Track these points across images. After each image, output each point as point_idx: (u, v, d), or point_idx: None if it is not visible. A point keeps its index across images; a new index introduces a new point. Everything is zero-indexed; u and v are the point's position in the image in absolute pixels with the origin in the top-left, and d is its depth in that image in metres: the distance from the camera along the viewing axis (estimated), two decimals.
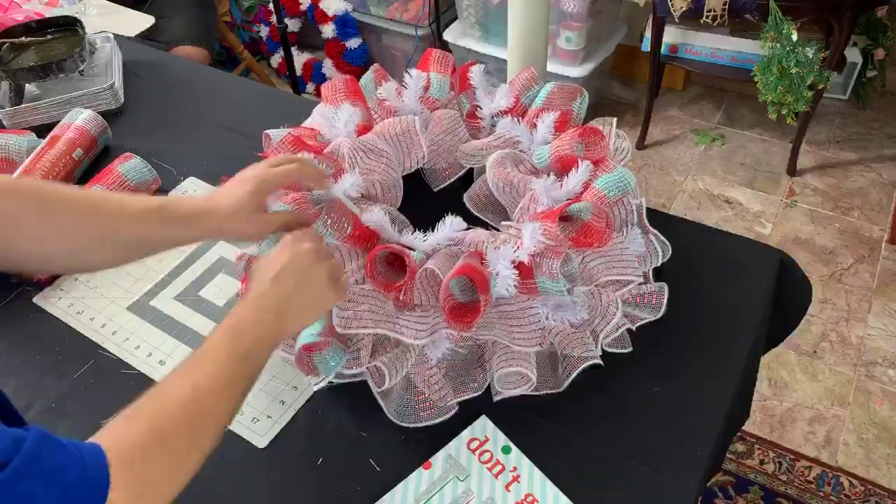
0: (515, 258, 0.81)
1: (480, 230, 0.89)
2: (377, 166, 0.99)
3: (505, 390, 0.84)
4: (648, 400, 0.86)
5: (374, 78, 1.11)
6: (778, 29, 1.87)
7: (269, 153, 0.94)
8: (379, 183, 0.99)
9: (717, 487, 1.58)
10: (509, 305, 0.84)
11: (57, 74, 1.35)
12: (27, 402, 0.90)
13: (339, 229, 0.86)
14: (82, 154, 1.20)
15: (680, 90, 2.70)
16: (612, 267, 0.88)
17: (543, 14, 1.77)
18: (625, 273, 0.87)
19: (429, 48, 1.12)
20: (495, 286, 0.81)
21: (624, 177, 0.88)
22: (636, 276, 0.88)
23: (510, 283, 0.80)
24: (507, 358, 0.83)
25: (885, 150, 2.39)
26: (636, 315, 0.91)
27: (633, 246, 0.91)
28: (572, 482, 0.79)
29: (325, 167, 0.93)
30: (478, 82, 1.07)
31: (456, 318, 0.81)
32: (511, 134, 1.00)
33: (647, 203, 0.99)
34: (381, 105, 1.07)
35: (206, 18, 2.23)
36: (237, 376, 0.64)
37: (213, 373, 0.63)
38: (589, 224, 0.85)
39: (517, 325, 0.83)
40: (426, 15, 2.54)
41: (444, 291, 0.80)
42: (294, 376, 0.91)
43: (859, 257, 2.06)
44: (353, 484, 0.80)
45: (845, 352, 1.83)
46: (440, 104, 1.08)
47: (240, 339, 0.66)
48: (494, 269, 0.81)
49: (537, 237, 0.81)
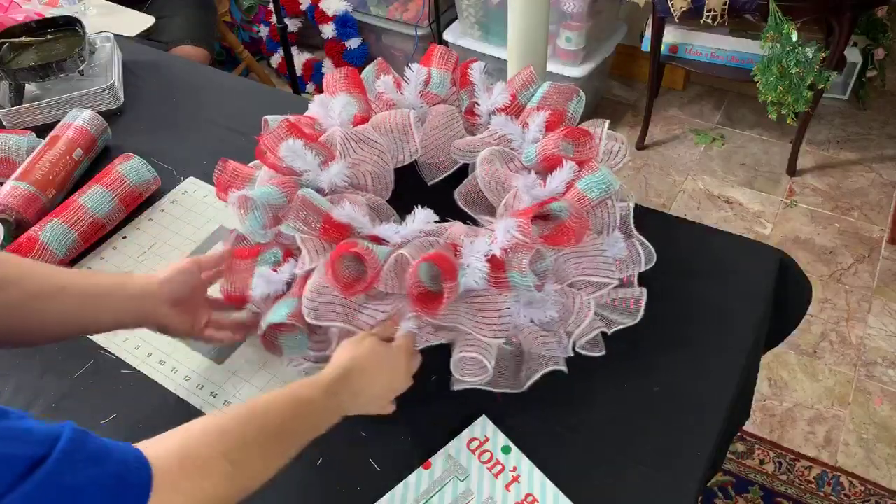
0: (488, 252, 0.81)
1: (459, 224, 0.90)
2: (369, 157, 0.99)
3: (462, 378, 0.84)
4: (648, 400, 0.86)
5: (375, 71, 1.11)
6: (778, 29, 1.87)
7: (266, 139, 0.94)
8: (370, 174, 0.99)
9: (717, 487, 1.58)
10: (480, 297, 0.84)
11: (57, 74, 1.35)
12: (27, 402, 0.90)
13: (308, 224, 0.86)
14: (82, 154, 1.20)
15: (680, 90, 2.70)
16: (588, 268, 0.88)
17: (543, 14, 1.78)
18: (600, 275, 0.87)
19: (432, 44, 1.13)
20: (464, 276, 0.81)
21: (606, 178, 0.88)
22: (612, 279, 0.87)
23: (480, 275, 0.80)
24: (467, 344, 0.83)
25: (885, 150, 2.39)
26: (613, 319, 0.91)
27: (613, 249, 0.91)
28: (572, 482, 0.79)
29: (315, 156, 0.94)
30: (477, 79, 1.07)
31: (422, 305, 0.81)
32: (504, 131, 1.00)
33: (647, 203, 0.99)
34: (379, 98, 1.08)
35: (206, 18, 2.23)
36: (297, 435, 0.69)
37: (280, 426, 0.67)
38: (565, 223, 0.85)
39: (484, 315, 0.83)
40: (426, 15, 2.54)
41: (411, 276, 0.80)
42: (293, 376, 0.91)
43: (859, 257, 2.06)
44: (353, 484, 0.80)
45: (845, 352, 1.83)
46: (440, 99, 1.08)
47: (301, 412, 0.70)
48: (467, 261, 0.81)
49: (511, 232, 0.81)
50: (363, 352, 0.76)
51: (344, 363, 0.75)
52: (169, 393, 0.91)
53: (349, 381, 0.74)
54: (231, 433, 0.61)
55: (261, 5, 2.84)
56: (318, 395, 0.70)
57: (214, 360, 0.94)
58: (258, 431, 0.64)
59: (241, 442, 0.62)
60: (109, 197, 1.10)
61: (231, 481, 0.59)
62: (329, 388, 0.72)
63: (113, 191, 1.11)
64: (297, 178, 0.92)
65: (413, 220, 0.86)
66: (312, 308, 0.81)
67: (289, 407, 0.68)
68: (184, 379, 0.92)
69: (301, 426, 0.68)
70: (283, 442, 0.66)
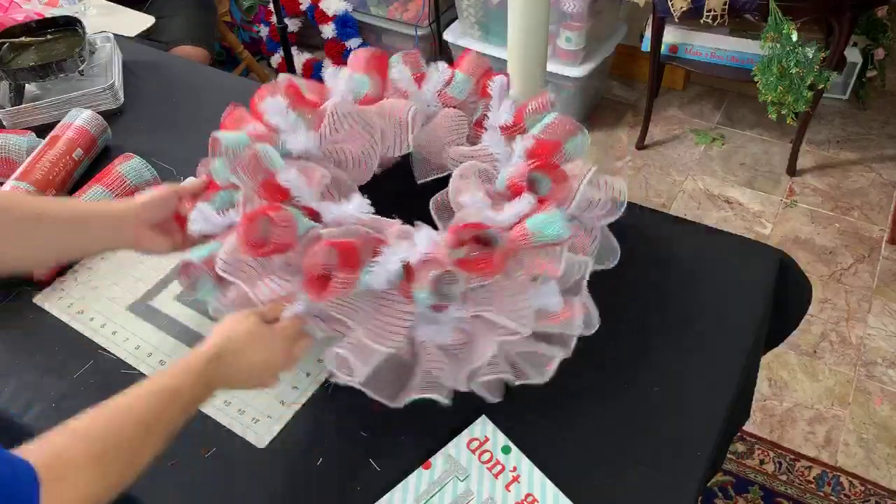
0: (405, 257, 0.78)
1: (399, 224, 0.86)
2: (357, 137, 0.98)
3: (336, 371, 0.81)
4: (648, 400, 0.86)
5: (402, 58, 1.10)
6: (778, 29, 1.87)
7: (264, 89, 0.96)
8: (352, 155, 0.98)
9: (717, 487, 1.58)
10: (386, 301, 0.81)
11: (57, 74, 1.35)
12: (27, 402, 0.90)
13: (252, 178, 0.86)
14: (82, 154, 1.20)
15: (680, 90, 2.70)
16: (504, 309, 0.81)
17: (543, 14, 1.78)
18: (513, 319, 0.80)
19: (466, 48, 1.11)
20: (367, 274, 0.78)
21: (555, 223, 0.80)
22: (523, 329, 0.80)
23: (384, 277, 0.77)
24: (349, 342, 0.80)
25: (885, 150, 2.39)
26: (524, 371, 0.85)
27: (541, 300, 0.82)
28: (572, 482, 0.79)
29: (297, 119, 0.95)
30: (495, 93, 1.05)
31: (313, 288, 0.78)
32: (492, 150, 0.99)
33: (647, 203, 0.98)
34: (395, 86, 1.08)
35: (206, 18, 2.23)
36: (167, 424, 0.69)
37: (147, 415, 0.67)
38: (488, 254, 0.80)
39: (381, 319, 0.80)
40: (426, 15, 2.54)
41: (313, 256, 0.78)
42: (294, 376, 0.91)
43: (859, 257, 2.06)
44: (353, 484, 0.80)
45: (845, 352, 1.83)
46: (455, 103, 1.08)
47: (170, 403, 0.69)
48: (384, 260, 0.78)
49: (428, 244, 0.79)
50: (241, 332, 0.76)
51: (218, 343, 0.74)
52: None
53: (221, 363, 0.73)
54: (97, 435, 0.62)
55: (261, 5, 2.84)
56: (187, 383, 0.70)
57: None
58: (127, 429, 0.64)
59: (111, 443, 0.62)
60: (109, 197, 1.10)
61: (102, 481, 0.60)
62: (200, 374, 0.71)
63: (113, 191, 1.11)
64: (275, 136, 0.93)
65: (347, 204, 0.84)
66: (225, 260, 0.81)
67: (156, 399, 0.68)
68: None
69: (171, 416, 0.68)
70: (153, 434, 0.66)
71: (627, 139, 2.52)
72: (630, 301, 0.97)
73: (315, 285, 0.77)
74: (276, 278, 0.82)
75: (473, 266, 0.78)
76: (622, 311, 0.95)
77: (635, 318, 0.95)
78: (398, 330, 0.79)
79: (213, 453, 0.84)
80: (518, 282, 0.82)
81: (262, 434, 0.86)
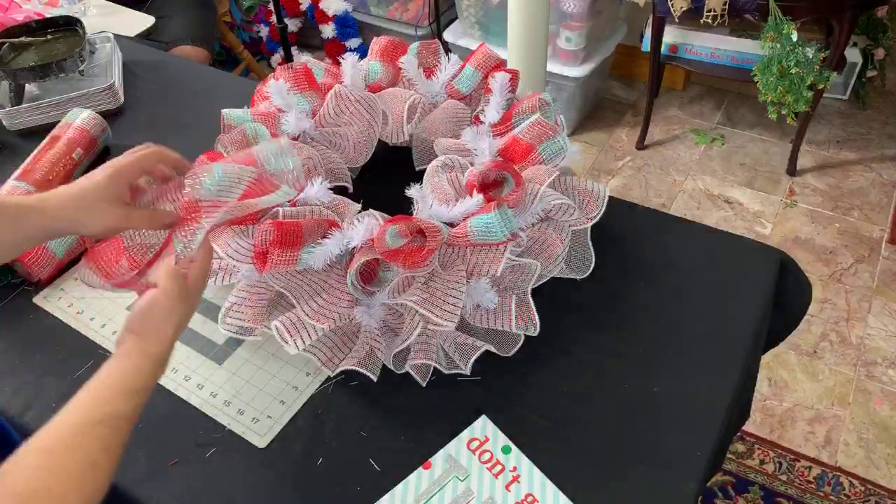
0: (348, 241, 0.83)
1: (356, 207, 0.91)
2: (357, 121, 1.02)
3: (279, 338, 0.83)
4: (648, 400, 0.86)
5: (419, 49, 1.12)
6: (778, 29, 1.87)
7: (279, 70, 1.01)
8: (352, 139, 1.01)
9: (717, 487, 1.58)
10: (323, 276, 0.85)
11: (57, 74, 1.35)
12: (27, 402, 0.90)
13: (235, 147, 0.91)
14: (82, 154, 1.20)
15: (680, 90, 2.70)
16: (432, 301, 0.83)
17: (543, 14, 1.78)
18: (436, 313, 0.82)
19: (481, 43, 1.13)
20: (309, 253, 0.82)
21: (491, 224, 0.82)
22: (445, 321, 0.81)
23: (323, 258, 0.82)
24: (290, 320, 0.83)
25: (885, 150, 2.39)
26: (454, 359, 0.87)
27: (473, 296, 0.85)
28: (572, 482, 0.79)
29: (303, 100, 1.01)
30: (496, 90, 1.06)
31: (258, 260, 0.82)
32: (471, 145, 1.00)
33: (647, 203, 0.99)
34: (404, 76, 1.10)
35: (206, 18, 2.23)
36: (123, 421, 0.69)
37: None
38: (418, 247, 0.82)
39: (323, 298, 0.84)
40: (426, 15, 2.54)
41: (261, 231, 0.81)
42: (294, 376, 0.91)
43: (859, 257, 2.06)
44: (353, 484, 0.80)
45: (845, 352, 1.83)
46: (460, 95, 1.09)
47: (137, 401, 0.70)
48: (326, 241, 0.83)
49: (366, 232, 0.83)
50: (184, 314, 0.72)
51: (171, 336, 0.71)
52: (169, 393, 0.91)
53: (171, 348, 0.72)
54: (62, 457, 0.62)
55: (261, 5, 2.84)
56: (150, 381, 0.70)
57: (214, 360, 0.94)
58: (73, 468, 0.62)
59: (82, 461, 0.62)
60: None
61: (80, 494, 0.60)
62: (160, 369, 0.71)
63: None
64: (278, 115, 1.00)
65: (310, 187, 0.89)
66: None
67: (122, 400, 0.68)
68: (184, 379, 0.92)
69: (120, 440, 0.67)
70: (99, 468, 0.64)
71: (627, 139, 2.52)
72: (630, 301, 0.97)
73: (259, 259, 0.82)
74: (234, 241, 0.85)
75: (395, 256, 0.82)
76: (622, 311, 0.95)
77: (635, 318, 0.95)
78: (336, 309, 0.84)
79: (213, 453, 0.84)
80: (456, 276, 0.85)
81: (262, 434, 0.86)
